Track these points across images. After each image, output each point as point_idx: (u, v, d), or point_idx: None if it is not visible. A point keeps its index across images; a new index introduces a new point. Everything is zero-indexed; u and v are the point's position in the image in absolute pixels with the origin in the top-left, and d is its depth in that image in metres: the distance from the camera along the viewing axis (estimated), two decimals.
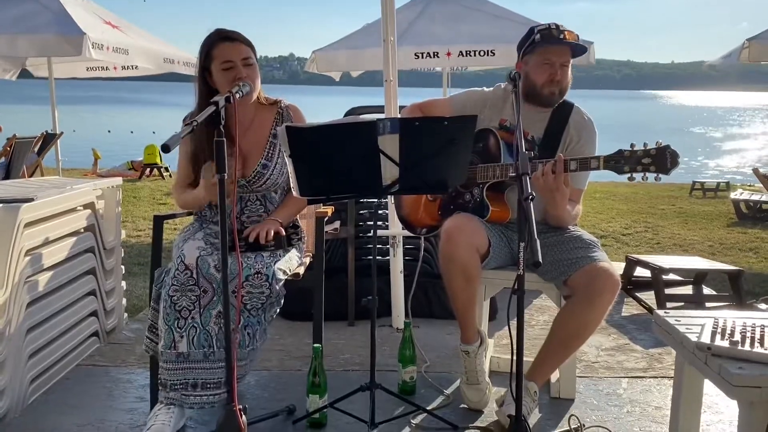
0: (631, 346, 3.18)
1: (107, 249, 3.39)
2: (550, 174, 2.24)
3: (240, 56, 2.30)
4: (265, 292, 2.25)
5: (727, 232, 8.25)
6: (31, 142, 8.61)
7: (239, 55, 2.30)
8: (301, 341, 3.16)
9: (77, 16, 6.52)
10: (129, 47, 6.94)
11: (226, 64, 2.29)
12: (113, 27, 7.37)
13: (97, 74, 9.53)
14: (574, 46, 2.45)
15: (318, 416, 2.29)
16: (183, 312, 2.22)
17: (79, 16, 6.55)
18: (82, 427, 2.31)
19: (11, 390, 2.49)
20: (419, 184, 2.07)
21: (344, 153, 1.92)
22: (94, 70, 9.36)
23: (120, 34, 7.18)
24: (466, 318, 2.43)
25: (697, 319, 1.90)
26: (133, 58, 7.12)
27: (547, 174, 2.24)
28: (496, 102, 2.61)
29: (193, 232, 2.44)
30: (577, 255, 2.33)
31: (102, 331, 3.32)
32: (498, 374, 2.71)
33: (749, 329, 1.73)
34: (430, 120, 2.25)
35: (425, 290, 3.53)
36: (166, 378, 2.23)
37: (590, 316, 2.26)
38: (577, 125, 2.52)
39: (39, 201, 2.72)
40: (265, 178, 2.42)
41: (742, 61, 7.47)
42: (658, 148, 2.14)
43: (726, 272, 3.88)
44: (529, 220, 1.80)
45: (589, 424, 2.35)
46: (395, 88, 3.11)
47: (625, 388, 2.71)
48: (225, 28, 2.37)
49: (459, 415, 2.42)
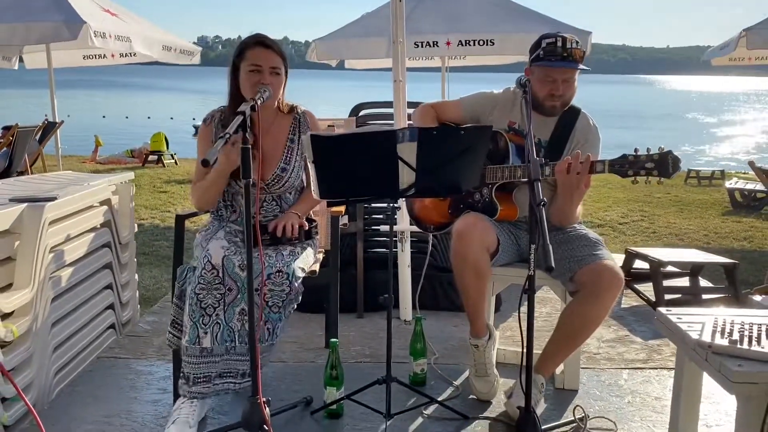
0: (631, 338, 3.30)
1: (122, 243, 3.48)
2: (565, 174, 2.33)
3: (269, 64, 2.40)
4: (285, 290, 2.35)
5: (722, 221, 8.39)
6: (33, 131, 8.64)
7: (268, 63, 2.41)
8: (313, 333, 3.27)
9: (77, 4, 6.51)
10: (130, 35, 6.97)
11: (253, 67, 2.40)
12: (112, 15, 7.37)
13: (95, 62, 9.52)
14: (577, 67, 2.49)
15: (335, 407, 2.41)
16: (208, 309, 2.31)
17: (78, 4, 6.54)
18: (111, 418, 2.42)
19: (38, 382, 2.59)
20: (434, 187, 2.17)
21: (364, 159, 2.02)
22: (91, 58, 9.36)
23: (120, 22, 7.18)
24: (476, 313, 2.54)
25: (697, 317, 2.01)
26: (134, 46, 7.15)
27: (570, 172, 2.33)
28: (505, 104, 2.70)
29: (214, 231, 2.54)
30: (583, 253, 2.44)
31: (118, 324, 3.42)
32: (504, 365, 2.82)
33: (747, 328, 1.84)
34: (448, 130, 2.36)
35: (432, 283, 3.64)
36: (189, 372, 2.33)
37: (596, 312, 2.37)
38: (584, 130, 2.62)
39: (61, 200, 2.81)
40: (283, 181, 2.52)
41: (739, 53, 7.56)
42: (660, 153, 2.24)
43: (722, 265, 4.00)
44: (542, 225, 1.90)
45: (593, 414, 2.47)
46: (404, 89, 3.20)
47: (626, 379, 2.83)
48: (267, 37, 2.46)
49: (469, 406, 2.54)
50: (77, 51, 8.77)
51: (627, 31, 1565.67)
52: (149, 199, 8.93)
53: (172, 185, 10.52)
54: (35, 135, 8.82)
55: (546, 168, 2.39)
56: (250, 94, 2.35)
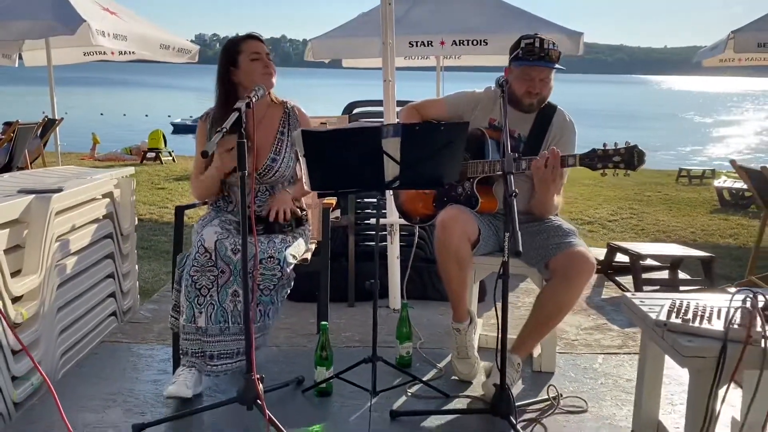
0: (608, 326, 3.47)
1: (124, 235, 3.64)
2: (542, 168, 2.50)
3: (264, 51, 2.63)
4: (276, 275, 2.51)
5: (710, 218, 8.57)
6: (33, 128, 8.78)
7: (264, 50, 2.63)
8: (305, 321, 3.43)
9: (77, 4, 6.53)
10: (127, 34, 7.02)
11: (254, 55, 2.62)
12: (111, 13, 7.47)
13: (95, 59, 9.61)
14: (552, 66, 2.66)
15: (325, 386, 2.57)
16: (202, 290, 2.48)
17: (78, 4, 6.56)
18: (114, 396, 2.58)
19: (45, 362, 2.74)
20: (417, 180, 2.33)
21: (352, 154, 2.18)
22: (91, 55, 9.46)
23: (118, 21, 7.24)
24: (458, 299, 2.70)
25: (659, 301, 2.17)
26: (131, 44, 7.21)
27: (547, 167, 2.50)
28: (486, 103, 2.87)
29: (210, 219, 2.70)
30: (557, 241, 2.61)
31: (119, 312, 3.58)
32: (486, 350, 2.99)
33: (701, 309, 2.01)
34: (429, 125, 2.51)
35: (420, 274, 3.80)
36: (188, 347, 2.50)
37: (568, 297, 2.54)
38: (560, 125, 2.79)
39: (66, 191, 2.97)
40: (274, 171, 2.69)
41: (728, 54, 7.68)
42: (626, 147, 2.41)
43: (700, 258, 4.17)
44: (512, 214, 2.07)
45: (566, 394, 2.63)
46: (394, 88, 3.36)
47: (600, 363, 2.99)
48: None
49: (450, 386, 2.70)
50: (77, 48, 8.86)
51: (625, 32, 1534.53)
52: (147, 195, 9.08)
53: (170, 182, 10.67)
54: (36, 132, 8.96)
55: (523, 162, 2.56)
56: (260, 79, 2.54)
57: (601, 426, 2.40)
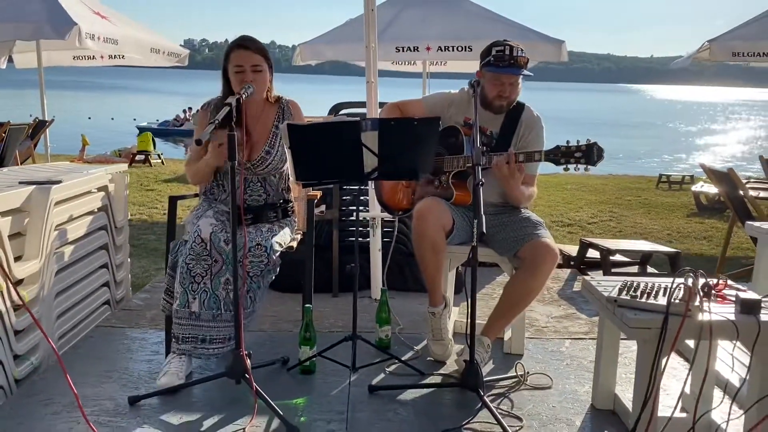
0: (577, 315, 3.68)
1: (117, 227, 3.80)
2: (504, 165, 2.72)
3: (250, 63, 2.76)
4: (264, 261, 2.70)
5: (686, 222, 8.84)
6: (24, 129, 8.90)
7: (250, 62, 2.76)
8: (290, 309, 3.61)
9: (68, 7, 6.61)
10: (118, 38, 7.09)
11: (237, 68, 2.76)
12: (102, 17, 7.56)
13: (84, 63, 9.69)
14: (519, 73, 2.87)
15: (308, 364, 2.76)
16: (197, 278, 2.65)
17: (70, 7, 6.65)
18: (110, 373, 2.75)
19: (44, 344, 2.90)
20: (394, 171, 2.53)
21: (333, 146, 2.38)
22: (80, 59, 9.54)
23: (109, 25, 7.29)
24: (433, 284, 2.89)
25: (613, 282, 2.38)
26: (122, 48, 7.29)
27: (502, 165, 2.72)
28: (461, 103, 3.07)
29: (204, 210, 2.87)
30: (525, 232, 2.81)
31: (113, 300, 3.74)
32: (460, 335, 3.18)
33: (648, 287, 2.22)
34: (403, 120, 2.72)
35: (401, 266, 3.99)
36: (179, 332, 2.66)
37: (534, 283, 2.74)
38: (528, 122, 3.00)
39: (65, 183, 3.14)
40: (267, 163, 2.87)
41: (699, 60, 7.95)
42: (587, 144, 2.62)
43: (666, 254, 4.39)
44: (478, 200, 2.27)
45: (533, 371, 2.83)
46: (376, 89, 3.57)
47: (567, 347, 3.20)
48: (246, 36, 2.82)
49: (426, 365, 2.89)
50: (67, 51, 8.93)
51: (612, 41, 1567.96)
52: (137, 196, 9.22)
53: (159, 184, 10.82)
54: (27, 133, 9.08)
55: (493, 157, 2.76)
56: (238, 90, 2.70)
57: (564, 400, 2.60)
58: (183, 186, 10.61)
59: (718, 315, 2.02)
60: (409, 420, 2.41)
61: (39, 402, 2.47)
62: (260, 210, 2.90)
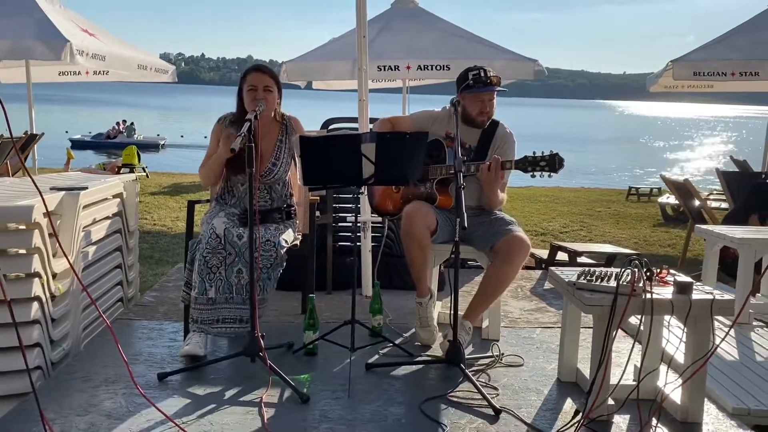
0: (547, 308, 4.12)
1: (130, 231, 4.16)
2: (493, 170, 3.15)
3: (263, 84, 3.19)
4: (273, 255, 3.09)
5: (652, 231, 9.37)
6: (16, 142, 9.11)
7: (262, 83, 3.19)
8: (291, 304, 3.99)
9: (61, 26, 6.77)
10: (106, 54, 7.26)
11: (251, 87, 3.19)
12: (90, 35, 7.77)
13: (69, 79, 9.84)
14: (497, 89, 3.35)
15: (312, 347, 3.15)
16: (213, 268, 3.04)
17: (62, 26, 6.81)
18: (137, 356, 3.11)
19: (72, 333, 3.26)
20: (387, 177, 2.94)
21: (337, 155, 2.79)
22: (66, 74, 9.71)
23: (96, 41, 7.48)
24: (420, 278, 3.31)
25: (574, 271, 2.81)
26: (109, 64, 7.44)
27: (491, 170, 3.14)
28: (443, 119, 3.51)
29: (216, 212, 3.26)
30: (500, 229, 3.25)
31: (125, 299, 4.09)
32: (444, 325, 3.58)
33: (603, 273, 2.65)
34: (397, 134, 3.15)
35: (389, 268, 4.40)
36: (198, 316, 3.04)
37: (509, 272, 3.18)
38: (502, 137, 3.45)
39: (90, 189, 3.50)
40: (273, 174, 3.28)
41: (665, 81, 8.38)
42: (550, 154, 3.08)
43: (627, 255, 4.85)
44: (460, 200, 2.69)
45: (508, 353, 3.25)
46: (368, 106, 3.99)
47: (538, 334, 3.62)
48: (263, 64, 3.30)
49: (414, 349, 3.29)
50: (53, 67, 8.98)
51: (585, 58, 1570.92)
52: None
53: (145, 196, 11.11)
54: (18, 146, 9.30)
55: (471, 166, 3.21)
56: (250, 107, 3.12)
57: (534, 375, 3.02)
58: (170, 198, 10.93)
59: (657, 294, 2.46)
60: (402, 390, 2.81)
61: (79, 378, 2.83)
62: (267, 213, 3.30)
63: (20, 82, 8.89)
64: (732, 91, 9.87)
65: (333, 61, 7.49)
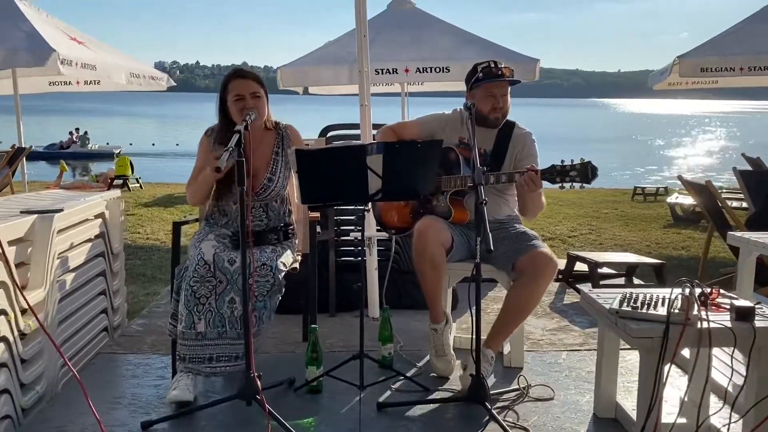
0: (571, 327, 3.78)
1: (114, 254, 3.82)
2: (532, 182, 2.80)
3: (249, 90, 2.84)
4: (270, 281, 2.75)
5: (663, 233, 9.04)
6: (2, 157, 8.80)
7: (248, 90, 2.84)
8: (290, 330, 3.65)
9: (46, 34, 6.60)
10: (96, 63, 7.07)
11: (237, 96, 2.83)
12: (79, 43, 7.54)
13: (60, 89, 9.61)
14: (510, 80, 3.03)
15: (315, 384, 2.80)
16: (201, 299, 2.69)
17: (48, 34, 6.65)
18: (119, 399, 2.77)
19: (48, 373, 2.90)
20: (397, 192, 2.60)
21: (339, 169, 2.45)
22: (56, 84, 9.48)
23: (86, 50, 7.29)
24: (434, 301, 2.97)
25: (612, 294, 2.47)
26: (100, 73, 7.26)
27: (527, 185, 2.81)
28: (455, 123, 3.17)
29: (205, 234, 2.92)
30: (523, 245, 2.91)
31: (111, 327, 3.74)
32: (460, 350, 3.25)
33: (648, 298, 2.31)
34: (407, 143, 2.80)
35: (396, 285, 4.06)
36: (186, 353, 2.70)
37: (534, 292, 2.83)
38: (520, 138, 3.12)
39: (66, 211, 3.16)
40: (270, 190, 2.94)
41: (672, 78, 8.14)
42: (582, 163, 2.73)
43: (651, 265, 4.52)
44: (483, 218, 2.35)
45: (535, 383, 2.91)
46: (369, 111, 3.66)
47: (564, 358, 3.29)
48: (242, 68, 2.88)
49: (430, 381, 2.95)
50: (43, 78, 8.87)
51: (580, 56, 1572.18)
52: None
53: (139, 208, 10.76)
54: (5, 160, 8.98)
55: (491, 177, 2.87)
56: (239, 118, 2.77)
57: (567, 410, 2.68)
58: (164, 210, 10.58)
59: (715, 323, 2.12)
60: None
61: (53, 428, 2.49)
62: (262, 234, 2.96)
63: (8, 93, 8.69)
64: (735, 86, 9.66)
65: (330, 64, 7.21)
